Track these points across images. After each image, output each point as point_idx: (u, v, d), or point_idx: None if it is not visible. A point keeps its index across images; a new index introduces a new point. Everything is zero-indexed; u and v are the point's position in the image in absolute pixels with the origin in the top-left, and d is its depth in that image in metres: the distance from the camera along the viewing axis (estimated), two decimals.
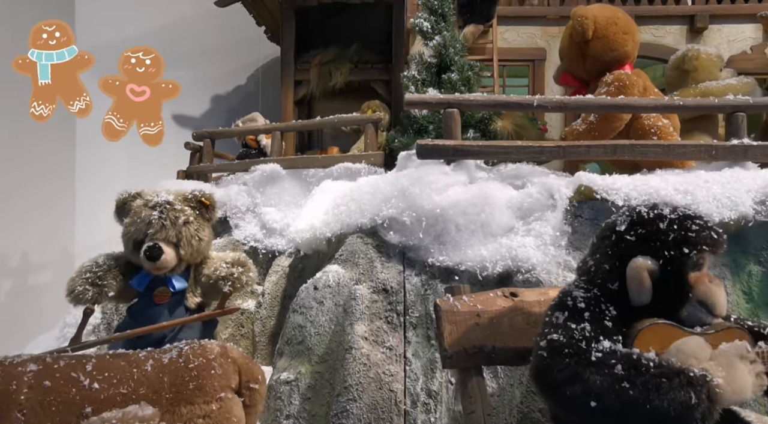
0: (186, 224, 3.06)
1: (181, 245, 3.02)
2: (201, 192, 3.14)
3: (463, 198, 2.94)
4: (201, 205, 3.11)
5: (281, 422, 2.70)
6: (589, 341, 1.65)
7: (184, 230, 3.04)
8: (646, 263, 1.74)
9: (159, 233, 2.99)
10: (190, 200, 3.17)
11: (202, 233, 3.06)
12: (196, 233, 3.09)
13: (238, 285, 3.03)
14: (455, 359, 2.00)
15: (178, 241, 3.02)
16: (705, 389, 1.49)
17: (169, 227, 3.01)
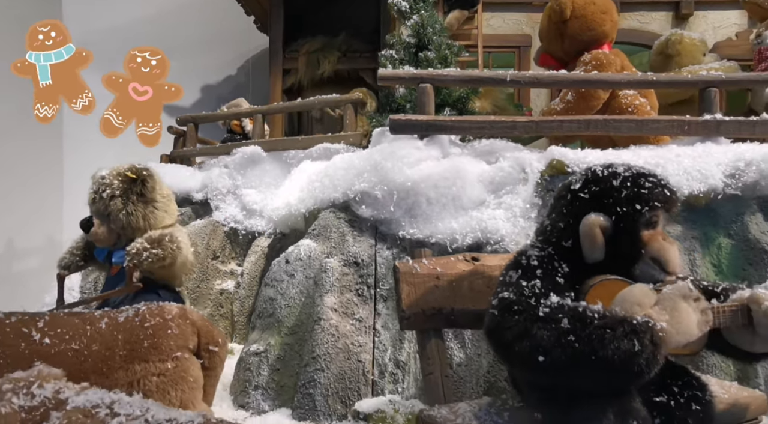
0: (113, 199, 3.02)
1: (111, 219, 3.00)
2: (131, 166, 3.10)
3: (434, 172, 2.94)
4: (128, 178, 3.07)
5: (250, 393, 2.71)
6: (539, 298, 1.65)
7: (111, 204, 3.00)
8: (599, 220, 1.74)
9: (92, 207, 3.01)
10: (120, 174, 3.14)
11: (131, 208, 3.01)
12: (123, 207, 3.04)
13: (137, 261, 2.93)
14: (413, 320, 2.00)
15: (108, 215, 3.01)
16: (648, 335, 1.49)
17: (98, 201, 3.00)
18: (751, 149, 2.95)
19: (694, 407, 1.69)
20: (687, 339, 1.58)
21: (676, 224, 2.91)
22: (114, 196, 3.01)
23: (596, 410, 1.56)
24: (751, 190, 2.85)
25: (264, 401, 2.68)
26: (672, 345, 1.55)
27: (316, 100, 4.30)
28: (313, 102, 4.32)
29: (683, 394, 1.70)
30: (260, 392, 2.70)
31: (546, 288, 1.69)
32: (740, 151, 2.95)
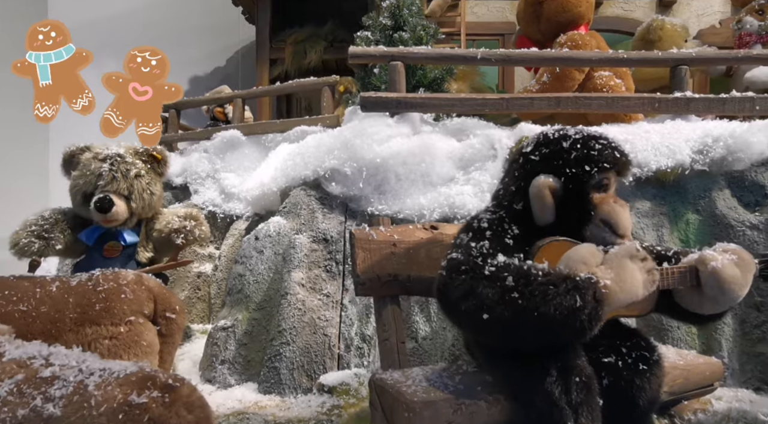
0: (137, 177, 3.05)
1: (133, 197, 3.01)
2: (153, 146, 3.13)
3: (404, 149, 2.94)
4: (152, 159, 3.11)
5: (216, 368, 2.71)
6: (486, 258, 1.65)
7: (136, 183, 3.04)
8: (548, 181, 1.74)
9: (110, 185, 2.98)
10: (141, 154, 3.16)
11: (153, 187, 3.05)
12: (147, 187, 3.08)
13: (191, 238, 3.02)
14: (368, 286, 2.00)
15: (129, 194, 3.01)
16: (591, 291, 1.49)
17: (120, 179, 3.00)
18: (720, 126, 2.95)
19: (642, 367, 1.69)
20: (632, 298, 1.58)
21: (645, 200, 2.91)
22: (139, 175, 3.03)
23: (540, 368, 1.57)
24: (718, 166, 2.85)
25: (231, 375, 2.68)
26: (616, 303, 1.56)
27: (295, 84, 4.30)
28: (291, 85, 4.33)
29: (631, 354, 1.71)
30: (227, 367, 2.70)
31: (494, 249, 1.70)
32: (709, 127, 2.95)
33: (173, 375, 1.27)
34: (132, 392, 1.17)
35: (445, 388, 1.72)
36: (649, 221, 2.86)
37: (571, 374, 1.55)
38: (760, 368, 2.60)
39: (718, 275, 1.70)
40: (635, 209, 2.88)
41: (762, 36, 4.77)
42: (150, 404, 1.16)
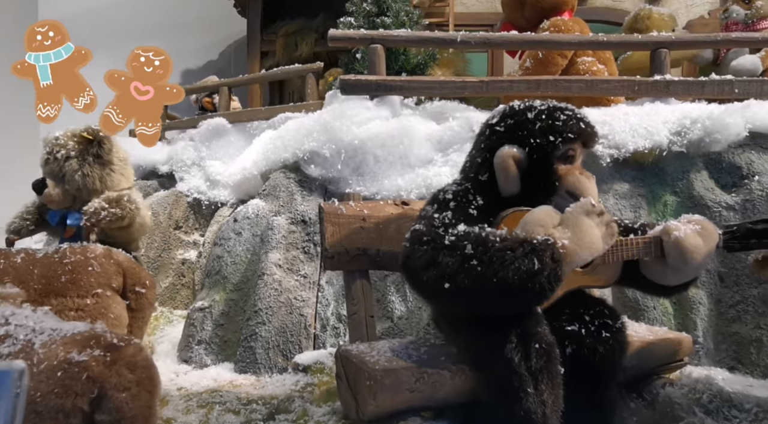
0: (68, 159, 3.00)
1: (66, 180, 2.99)
2: (87, 127, 3.09)
3: (382, 131, 2.94)
4: (84, 140, 3.07)
5: (193, 348, 2.71)
6: (447, 228, 1.65)
7: (66, 165, 2.99)
8: (512, 151, 1.75)
9: (45, 168, 2.98)
10: (75, 136, 3.12)
11: (87, 169, 2.99)
12: (79, 168, 3.02)
13: (93, 220, 2.93)
14: (336, 260, 2.01)
15: (63, 176, 2.99)
16: (548, 252, 1.49)
17: (51, 162, 2.97)
18: (698, 108, 2.96)
19: (604, 334, 1.70)
20: (592, 253, 1.58)
21: (624, 182, 2.91)
22: (69, 157, 2.99)
23: (500, 336, 1.57)
24: (696, 147, 2.86)
25: (207, 355, 2.68)
26: (576, 261, 1.56)
27: (280, 71, 4.30)
28: (276, 73, 4.33)
29: (594, 323, 1.71)
30: (203, 347, 2.70)
31: (457, 219, 1.70)
32: (687, 109, 2.95)
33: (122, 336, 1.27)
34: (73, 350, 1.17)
35: (409, 358, 1.73)
36: (627, 202, 2.87)
37: (531, 341, 1.55)
38: (734, 347, 2.61)
39: (681, 245, 1.70)
40: (613, 191, 2.88)
41: (748, 25, 4.78)
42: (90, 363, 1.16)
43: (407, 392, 1.65)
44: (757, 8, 4.71)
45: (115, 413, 1.25)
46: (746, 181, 2.80)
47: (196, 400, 2.15)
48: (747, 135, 2.83)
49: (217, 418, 1.99)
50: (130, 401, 1.27)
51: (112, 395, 1.25)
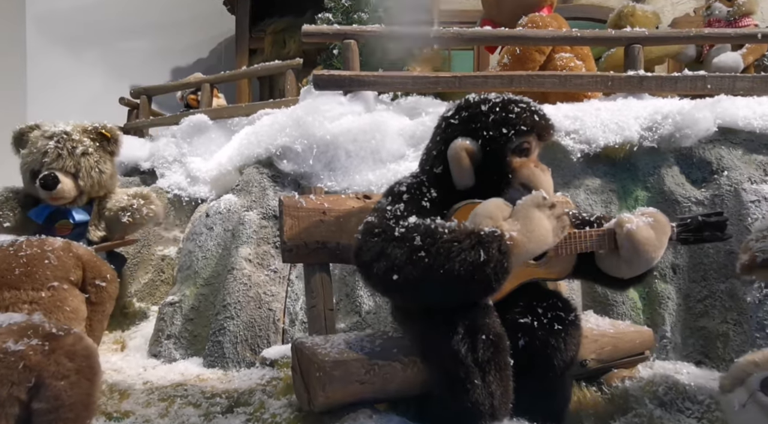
0: (84, 155, 3.04)
1: (80, 176, 3.01)
2: (102, 124, 3.12)
3: (354, 126, 2.94)
4: (101, 137, 3.10)
5: (162, 342, 2.71)
6: (398, 220, 1.65)
7: (83, 161, 3.03)
8: (465, 144, 1.75)
9: (55, 163, 2.97)
10: (89, 132, 3.16)
11: (103, 166, 3.04)
12: (96, 165, 3.07)
13: (137, 216, 3.02)
14: (295, 252, 2.01)
15: (76, 171, 3.01)
16: (495, 244, 1.49)
17: (66, 157, 2.99)
18: (670, 103, 2.97)
19: (557, 327, 1.70)
20: (542, 246, 1.59)
21: (595, 178, 2.92)
22: (87, 153, 3.02)
23: (447, 327, 1.57)
24: (667, 142, 2.86)
25: (176, 350, 2.69)
26: (526, 254, 1.56)
27: (260, 67, 4.30)
28: (256, 69, 4.33)
29: (547, 315, 1.72)
30: (173, 342, 2.70)
31: (409, 211, 1.70)
32: (659, 105, 2.96)
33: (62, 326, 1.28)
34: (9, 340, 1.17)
35: (361, 350, 1.73)
36: (598, 197, 2.87)
37: (478, 333, 1.56)
38: (701, 341, 2.61)
39: (633, 237, 1.71)
40: (585, 186, 2.88)
41: (730, 22, 4.77)
42: (27, 352, 1.16)
43: (357, 384, 1.65)
44: (739, 5, 4.70)
45: (53, 401, 1.26)
46: (716, 176, 2.80)
47: (158, 394, 2.15)
48: (717, 130, 2.84)
49: (176, 411, 1.99)
50: (69, 389, 1.28)
51: (50, 384, 1.26)
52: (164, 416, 1.95)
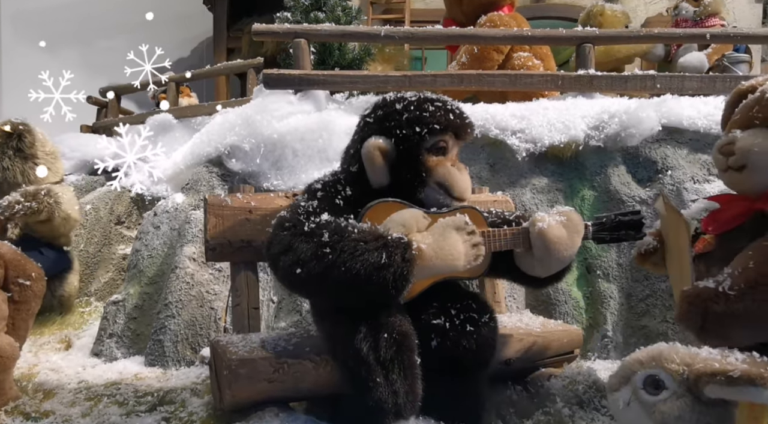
0: None
1: None
2: (7, 120, 3.11)
3: (302, 124, 2.94)
4: (4, 133, 3.08)
5: (104, 341, 2.70)
6: (309, 215, 1.65)
7: None
8: (378, 142, 1.74)
9: None
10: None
11: (6, 163, 3.03)
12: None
13: (8, 214, 2.96)
14: (218, 251, 2.00)
15: None
16: (399, 251, 1.49)
17: None
18: (617, 102, 2.97)
19: (469, 328, 1.70)
20: (450, 267, 1.58)
21: (543, 177, 2.92)
22: None
23: (352, 326, 1.57)
24: (613, 141, 2.86)
25: (118, 349, 2.68)
26: (431, 269, 1.56)
27: (222, 66, 4.30)
28: (219, 68, 4.34)
29: (459, 316, 1.71)
30: (114, 340, 2.70)
31: (321, 208, 1.70)
32: (607, 104, 2.96)
33: None
34: None
35: (274, 349, 1.73)
36: (545, 196, 2.87)
37: (381, 332, 1.55)
38: (643, 340, 2.61)
39: (544, 236, 1.71)
40: (531, 185, 2.89)
41: (697, 22, 4.79)
42: None
43: (266, 382, 1.65)
44: (705, 6, 4.73)
45: None
46: (660, 175, 2.81)
47: (86, 393, 2.14)
48: (662, 130, 2.85)
49: (100, 410, 1.98)
50: None
51: None
52: (86, 415, 1.95)
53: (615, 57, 4.87)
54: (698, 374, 1.25)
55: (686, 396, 1.27)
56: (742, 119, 1.72)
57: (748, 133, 1.64)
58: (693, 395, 1.26)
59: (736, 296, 1.45)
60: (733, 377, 1.20)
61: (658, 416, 1.27)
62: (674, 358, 1.30)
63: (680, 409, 1.26)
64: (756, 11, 6.00)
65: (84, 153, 4.70)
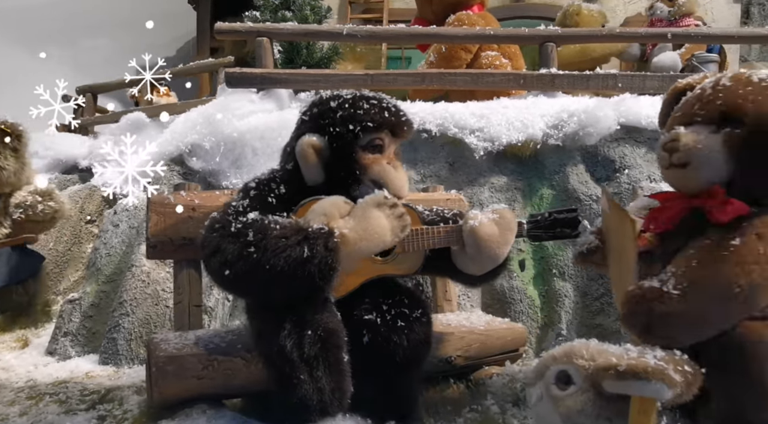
0: None
1: None
2: (3, 120, 3.11)
3: (262, 123, 2.94)
4: (2, 133, 3.09)
5: (59, 340, 2.70)
6: (238, 215, 1.65)
7: None
8: (311, 140, 1.74)
9: None
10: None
11: (2, 162, 3.03)
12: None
13: (30, 213, 3.00)
14: (159, 249, 2.00)
15: None
16: (321, 241, 1.49)
17: None
18: (577, 101, 2.97)
19: (400, 323, 1.69)
20: (378, 245, 1.59)
21: (502, 176, 2.92)
22: None
23: (277, 323, 1.57)
24: (572, 140, 2.86)
25: (72, 347, 2.68)
26: (359, 252, 1.56)
27: (194, 65, 4.30)
28: (191, 67, 4.34)
29: (391, 312, 1.71)
30: (69, 339, 2.69)
31: (252, 207, 1.69)
32: (567, 103, 2.97)
33: None
34: None
35: (205, 346, 1.73)
36: (503, 195, 2.87)
37: (305, 329, 1.55)
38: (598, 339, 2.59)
39: (476, 234, 1.71)
40: (490, 184, 2.89)
41: (671, 22, 4.80)
42: None
43: (195, 379, 1.65)
44: (680, 5, 4.74)
45: None
46: (618, 174, 2.81)
47: (29, 392, 2.14)
48: (620, 129, 2.85)
49: (39, 409, 1.98)
50: None
51: None
52: (24, 414, 1.94)
53: (591, 56, 4.86)
54: (598, 369, 1.26)
55: (590, 391, 1.27)
56: (683, 116, 1.72)
57: (690, 130, 1.63)
58: (596, 390, 1.27)
59: (679, 296, 1.45)
60: (620, 371, 1.20)
61: (564, 411, 1.27)
62: (583, 353, 1.31)
63: (583, 404, 1.27)
64: (734, 11, 6.01)
65: (58, 152, 4.69)
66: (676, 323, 1.48)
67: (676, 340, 1.53)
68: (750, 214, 1.51)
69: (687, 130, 1.60)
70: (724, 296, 1.44)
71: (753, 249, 1.45)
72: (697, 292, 1.45)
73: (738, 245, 1.46)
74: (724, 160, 1.53)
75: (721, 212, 1.51)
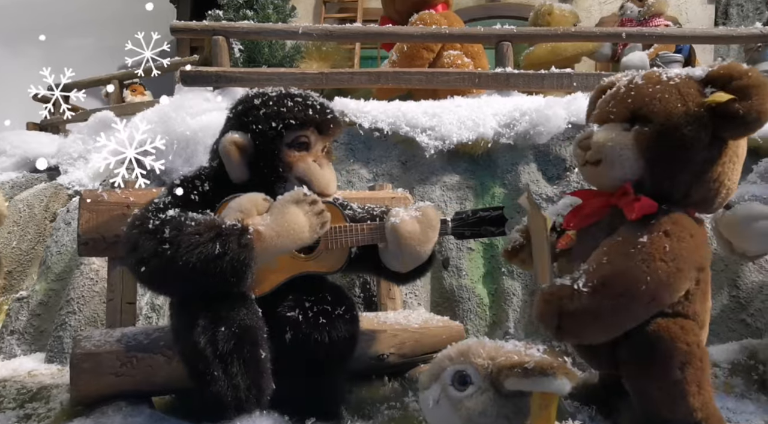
0: None
1: None
2: None
3: (215, 121, 2.92)
4: None
5: (5, 338, 2.69)
6: (158, 212, 1.65)
7: None
8: (234, 137, 1.74)
9: None
10: None
11: None
12: None
13: None
14: (91, 246, 2.00)
15: None
16: (234, 238, 1.49)
17: None
18: (530, 100, 2.98)
19: (321, 320, 1.69)
20: (296, 242, 1.59)
21: (455, 174, 2.92)
22: None
23: (191, 319, 1.57)
24: (523, 139, 2.87)
25: (18, 345, 2.67)
26: (275, 248, 1.56)
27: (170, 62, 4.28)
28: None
29: (313, 309, 1.71)
30: (15, 337, 2.69)
31: (173, 204, 1.69)
32: (520, 102, 2.97)
33: None
34: None
35: (128, 343, 1.73)
36: (454, 194, 2.88)
37: (219, 325, 1.55)
38: (543, 336, 2.62)
39: (396, 231, 1.71)
40: (442, 182, 2.89)
41: (641, 22, 4.82)
42: None
43: (113, 376, 1.65)
44: (649, 6, 4.75)
45: None
46: (568, 173, 2.82)
47: None
48: (571, 127, 2.85)
49: None
50: None
51: None
52: None
53: (562, 56, 4.87)
54: (500, 368, 1.26)
55: (490, 390, 1.27)
56: (599, 114, 1.73)
57: (603, 127, 1.65)
58: (495, 388, 1.26)
59: (588, 294, 1.46)
60: (528, 369, 1.20)
61: (464, 412, 1.26)
62: (481, 352, 1.30)
63: (484, 404, 1.26)
64: (708, 12, 6.03)
65: (26, 150, 4.68)
66: (587, 320, 1.48)
67: (587, 337, 1.54)
68: (659, 211, 1.53)
69: (601, 129, 1.62)
70: (630, 294, 1.45)
71: (659, 246, 1.46)
72: (605, 289, 1.46)
73: (645, 242, 1.47)
74: (635, 158, 1.55)
75: (630, 209, 1.52)
